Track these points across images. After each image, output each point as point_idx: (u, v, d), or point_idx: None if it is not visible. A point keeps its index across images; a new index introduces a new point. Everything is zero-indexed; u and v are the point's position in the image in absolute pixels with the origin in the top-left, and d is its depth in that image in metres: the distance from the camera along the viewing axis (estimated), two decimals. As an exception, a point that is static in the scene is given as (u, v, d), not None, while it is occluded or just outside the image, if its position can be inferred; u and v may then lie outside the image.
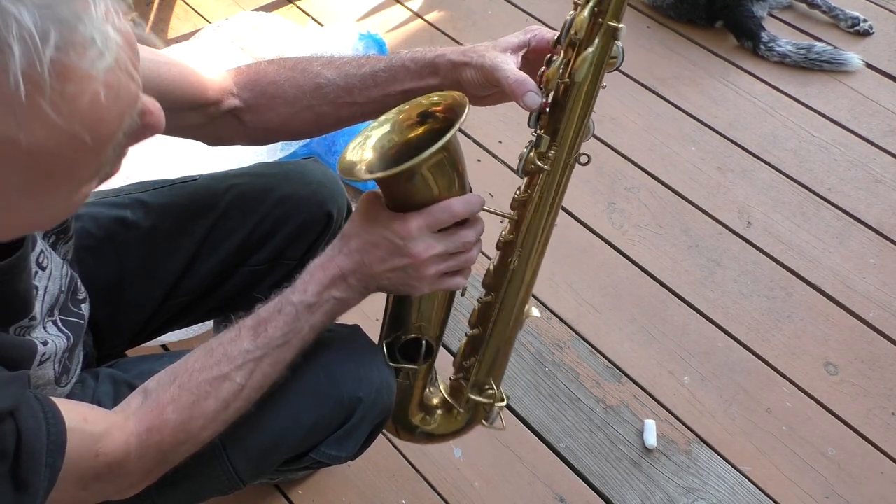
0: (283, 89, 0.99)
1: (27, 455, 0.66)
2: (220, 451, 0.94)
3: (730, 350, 1.67)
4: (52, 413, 0.70)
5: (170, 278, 1.11)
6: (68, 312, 0.90)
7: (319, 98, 0.98)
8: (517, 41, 0.92)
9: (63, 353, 0.86)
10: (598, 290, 1.76)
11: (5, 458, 0.65)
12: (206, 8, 2.41)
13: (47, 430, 0.69)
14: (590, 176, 1.97)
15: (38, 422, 0.68)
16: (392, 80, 0.96)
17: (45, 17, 0.48)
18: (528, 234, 0.94)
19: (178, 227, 1.11)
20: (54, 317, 0.86)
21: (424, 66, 0.95)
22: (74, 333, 0.89)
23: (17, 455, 0.66)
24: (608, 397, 1.59)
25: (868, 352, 1.67)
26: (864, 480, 1.49)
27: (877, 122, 2.10)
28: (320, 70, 0.99)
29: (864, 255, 1.83)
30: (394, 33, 2.33)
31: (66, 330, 0.87)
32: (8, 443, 0.65)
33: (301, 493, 1.45)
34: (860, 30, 2.29)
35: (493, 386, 1.08)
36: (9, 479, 0.66)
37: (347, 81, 0.97)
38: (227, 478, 0.97)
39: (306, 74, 0.99)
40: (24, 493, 0.67)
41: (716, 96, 2.17)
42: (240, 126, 1.02)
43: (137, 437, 0.80)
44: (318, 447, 1.01)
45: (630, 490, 1.47)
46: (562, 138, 0.87)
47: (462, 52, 0.92)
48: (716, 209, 1.91)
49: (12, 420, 0.66)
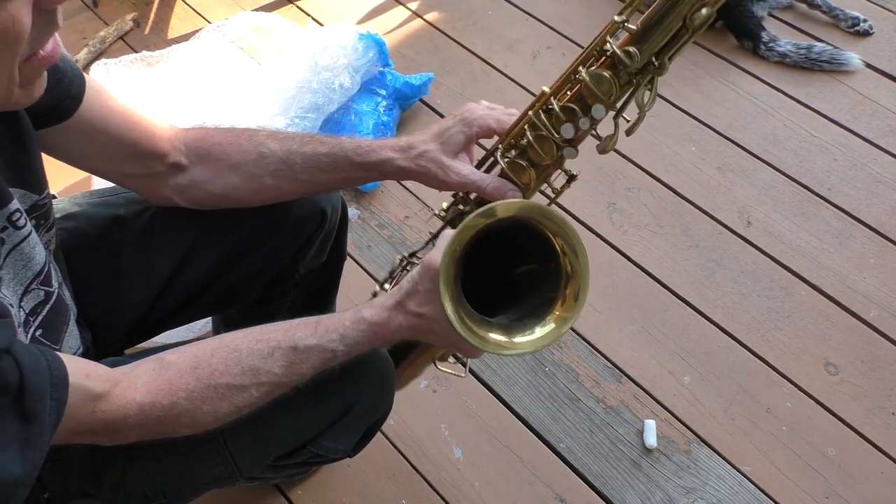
0: (228, 152, 1.00)
1: (31, 387, 0.67)
2: (217, 436, 0.95)
3: (730, 350, 1.67)
4: (50, 354, 0.71)
5: (164, 277, 1.11)
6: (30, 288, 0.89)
7: (261, 168, 0.99)
8: (464, 138, 0.94)
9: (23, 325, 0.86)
10: (598, 290, 1.76)
11: (8, 391, 0.66)
12: (206, 8, 2.41)
13: (48, 366, 0.70)
14: (590, 176, 1.97)
15: (38, 359, 0.69)
16: (335, 167, 0.97)
17: None
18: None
19: (172, 227, 1.11)
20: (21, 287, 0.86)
21: (369, 166, 0.96)
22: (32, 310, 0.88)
23: (21, 388, 0.66)
24: (608, 397, 1.59)
25: (868, 352, 1.67)
26: (864, 480, 1.49)
27: (877, 122, 2.10)
28: (264, 140, 1.00)
29: (864, 255, 1.83)
30: (394, 33, 2.33)
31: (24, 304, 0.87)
32: (10, 376, 0.65)
33: (301, 494, 1.45)
34: (860, 30, 2.29)
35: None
36: (14, 411, 0.66)
37: (289, 157, 0.98)
38: (224, 463, 0.97)
39: (251, 142, 1.00)
40: (31, 424, 0.67)
41: (716, 96, 2.17)
42: (181, 184, 1.03)
43: (139, 407, 0.80)
44: (316, 439, 1.02)
45: (630, 490, 1.47)
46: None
47: (411, 159, 0.93)
48: (716, 209, 1.91)
49: (10, 356, 0.66)
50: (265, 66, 2.08)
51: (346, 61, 1.91)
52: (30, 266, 0.85)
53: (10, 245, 0.82)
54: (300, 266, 1.19)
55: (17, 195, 0.83)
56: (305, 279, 1.24)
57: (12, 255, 0.82)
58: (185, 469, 0.97)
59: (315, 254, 1.20)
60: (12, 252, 0.82)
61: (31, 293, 0.87)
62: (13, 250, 0.82)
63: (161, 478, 0.95)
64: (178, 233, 1.11)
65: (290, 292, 1.25)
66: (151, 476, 0.95)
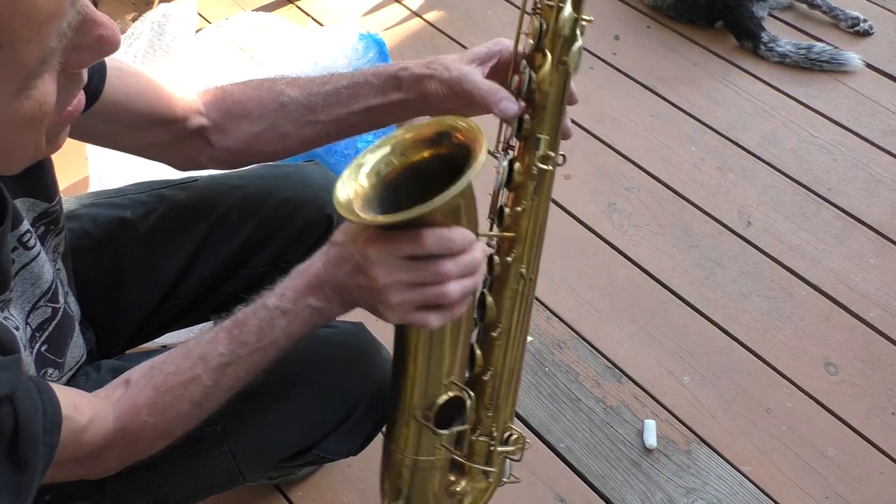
0: (249, 108, 0.99)
1: (24, 435, 0.67)
2: (222, 442, 0.95)
3: (730, 350, 1.67)
4: (47, 394, 0.71)
5: (169, 279, 1.11)
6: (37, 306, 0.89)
7: (283, 117, 0.98)
8: (485, 52, 0.90)
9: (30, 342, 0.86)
10: (598, 290, 1.76)
11: (2, 439, 0.66)
12: (206, 8, 2.40)
13: (43, 410, 0.69)
14: (590, 176, 1.97)
15: (35, 402, 0.69)
16: (355, 96, 0.95)
17: None
18: (529, 251, 0.87)
19: (178, 229, 1.11)
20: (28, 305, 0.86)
21: (387, 80, 0.93)
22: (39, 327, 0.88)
23: (15, 435, 0.66)
24: (608, 397, 1.59)
25: (868, 352, 1.67)
26: (864, 480, 1.49)
27: (877, 122, 2.10)
28: (283, 88, 0.98)
29: (864, 255, 1.83)
30: (394, 33, 2.33)
31: (30, 321, 0.87)
32: (5, 425, 0.65)
33: (301, 494, 1.45)
34: (860, 30, 2.29)
35: (511, 429, 0.97)
36: (7, 459, 0.66)
37: (310, 100, 0.97)
38: (228, 471, 0.97)
39: (270, 93, 0.99)
40: (23, 472, 0.67)
41: (716, 96, 2.17)
42: (206, 146, 1.02)
43: (114, 433, 0.81)
44: (321, 442, 1.01)
45: (630, 490, 1.47)
46: (547, 142, 0.82)
47: (426, 65, 0.90)
48: (716, 209, 1.91)
49: (9, 402, 0.66)
50: (265, 66, 2.08)
51: (345, 61, 1.91)
52: (38, 284, 0.86)
53: (20, 265, 0.82)
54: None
55: (28, 204, 0.84)
56: None
57: (21, 274, 0.83)
58: (189, 477, 0.96)
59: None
60: (21, 271, 0.83)
61: (39, 310, 0.87)
62: (22, 269, 0.83)
63: (166, 487, 0.95)
64: (184, 235, 1.11)
65: None
66: (155, 485, 0.94)
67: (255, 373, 0.85)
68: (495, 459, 0.98)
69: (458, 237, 0.75)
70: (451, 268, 0.75)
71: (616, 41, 2.31)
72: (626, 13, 2.40)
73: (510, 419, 0.97)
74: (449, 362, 0.87)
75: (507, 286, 0.89)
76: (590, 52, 2.26)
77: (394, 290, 0.76)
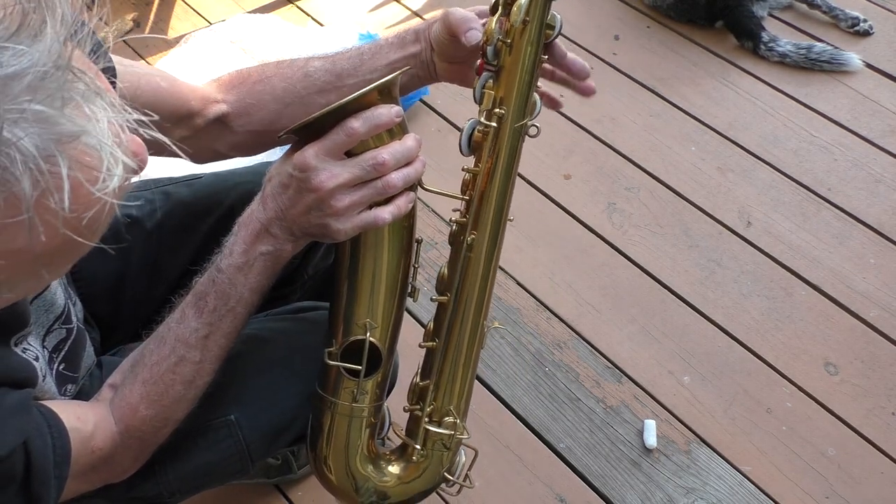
0: (272, 84, 0.98)
1: (37, 472, 0.70)
2: (236, 433, 0.96)
3: (730, 350, 1.67)
4: (55, 427, 0.73)
5: (173, 276, 1.11)
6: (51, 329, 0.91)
7: (308, 86, 0.97)
8: (489, 8, 0.92)
9: (50, 364, 0.87)
10: (598, 290, 1.76)
11: (15, 479, 0.69)
12: (206, 8, 2.40)
13: (53, 444, 0.72)
14: (590, 176, 1.97)
15: (45, 439, 0.71)
16: (377, 55, 0.96)
17: (47, 139, 0.47)
18: (481, 214, 0.86)
19: (182, 225, 1.11)
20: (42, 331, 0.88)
21: (405, 33, 0.96)
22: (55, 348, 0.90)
23: (28, 474, 0.69)
24: (608, 397, 1.59)
25: (868, 352, 1.67)
26: (864, 480, 1.49)
27: (877, 122, 2.10)
28: (307, 61, 0.99)
29: (864, 255, 1.83)
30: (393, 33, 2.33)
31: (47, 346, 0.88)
32: (18, 467, 0.68)
33: (301, 494, 1.45)
34: (860, 30, 2.29)
35: (454, 415, 0.95)
36: (21, 496, 0.69)
37: (336, 65, 0.97)
38: (240, 456, 0.98)
39: (293, 67, 0.98)
40: None
41: (716, 96, 2.17)
42: (227, 133, 1.01)
43: (119, 435, 0.83)
44: None
45: (630, 490, 1.47)
46: (507, 100, 0.84)
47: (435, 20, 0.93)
48: (716, 209, 1.91)
49: (22, 447, 0.69)
50: (265, 66, 2.08)
51: (346, 61, 1.91)
52: (52, 310, 0.87)
53: (34, 294, 0.83)
54: (308, 267, 1.20)
55: None
56: (313, 279, 1.24)
57: (35, 303, 0.84)
58: (200, 468, 0.98)
59: (323, 255, 1.20)
60: (35, 300, 0.84)
61: (53, 332, 0.88)
62: (36, 299, 0.84)
63: (177, 482, 0.97)
64: (190, 232, 1.11)
65: (297, 291, 1.25)
66: (167, 480, 0.96)
67: (234, 336, 0.86)
68: (421, 436, 0.96)
69: (382, 111, 0.78)
70: (386, 155, 0.78)
71: (616, 41, 2.31)
72: (626, 13, 2.40)
73: (458, 405, 0.96)
74: (367, 301, 0.88)
75: (458, 253, 0.89)
76: (590, 52, 2.26)
77: (339, 195, 0.78)
